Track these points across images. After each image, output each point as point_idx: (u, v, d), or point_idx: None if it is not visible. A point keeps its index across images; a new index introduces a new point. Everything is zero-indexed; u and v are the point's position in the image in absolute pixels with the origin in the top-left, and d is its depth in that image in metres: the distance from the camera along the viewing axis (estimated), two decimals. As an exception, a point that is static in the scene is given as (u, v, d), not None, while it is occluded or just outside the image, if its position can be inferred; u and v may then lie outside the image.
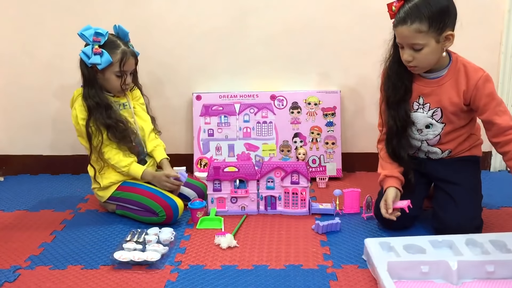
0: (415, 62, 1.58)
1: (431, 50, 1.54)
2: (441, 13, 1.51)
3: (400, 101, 1.66)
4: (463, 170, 1.69)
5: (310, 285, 1.41)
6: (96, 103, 1.78)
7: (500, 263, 1.39)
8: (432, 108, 1.66)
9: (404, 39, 1.56)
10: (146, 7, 2.22)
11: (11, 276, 1.47)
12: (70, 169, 2.41)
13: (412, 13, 1.51)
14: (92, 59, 1.74)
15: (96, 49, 1.74)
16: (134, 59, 1.84)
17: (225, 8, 2.22)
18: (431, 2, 1.50)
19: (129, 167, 1.83)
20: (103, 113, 1.78)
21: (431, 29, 1.51)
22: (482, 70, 1.60)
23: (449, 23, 1.53)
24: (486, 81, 1.58)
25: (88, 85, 1.79)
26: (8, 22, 2.26)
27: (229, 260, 1.55)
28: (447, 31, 1.53)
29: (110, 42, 1.78)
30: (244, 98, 2.28)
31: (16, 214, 1.95)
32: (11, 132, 2.40)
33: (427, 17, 1.50)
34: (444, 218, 1.63)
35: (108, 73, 1.79)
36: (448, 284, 1.37)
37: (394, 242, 1.50)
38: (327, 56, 2.26)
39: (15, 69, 2.31)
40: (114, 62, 1.77)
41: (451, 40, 1.55)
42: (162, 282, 1.43)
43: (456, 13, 1.56)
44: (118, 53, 1.78)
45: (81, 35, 1.75)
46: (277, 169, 1.87)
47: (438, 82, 1.63)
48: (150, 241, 1.62)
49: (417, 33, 1.52)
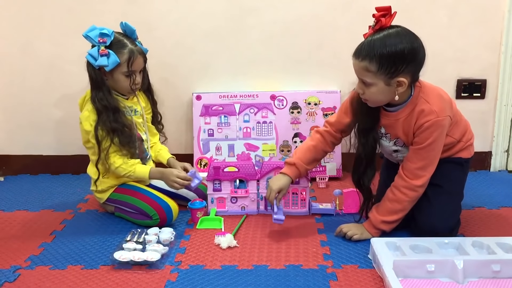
0: (365, 96, 1.53)
1: (379, 90, 1.48)
2: (394, 58, 1.42)
3: (369, 129, 1.62)
4: (445, 171, 1.63)
5: (310, 285, 1.41)
6: (104, 106, 1.73)
7: (506, 262, 1.39)
8: (392, 139, 1.63)
9: (355, 72, 1.52)
10: (147, 7, 2.22)
11: (11, 276, 1.47)
12: (70, 169, 2.41)
13: (366, 49, 1.45)
14: (99, 61, 1.69)
15: (102, 50, 1.69)
16: (142, 57, 1.79)
17: (225, 8, 2.22)
18: (387, 43, 1.42)
19: (135, 168, 1.78)
20: (110, 116, 1.74)
21: (380, 71, 1.44)
22: (436, 114, 1.49)
23: (404, 69, 1.44)
24: (433, 126, 1.50)
25: (96, 88, 1.74)
26: (8, 22, 2.26)
27: (229, 260, 1.55)
28: (399, 77, 1.45)
29: (117, 41, 1.72)
30: (244, 98, 2.28)
31: (16, 214, 1.95)
32: (11, 132, 2.40)
33: (378, 58, 1.43)
34: (419, 220, 1.62)
35: (117, 74, 1.75)
36: (454, 283, 1.37)
37: (400, 242, 1.50)
38: (327, 56, 2.26)
39: (15, 69, 2.31)
40: (121, 63, 1.72)
41: (404, 87, 1.46)
42: (162, 282, 1.43)
43: (419, 60, 1.47)
44: (125, 52, 1.73)
45: (86, 36, 1.70)
46: (277, 169, 1.87)
47: (394, 117, 1.57)
48: (150, 241, 1.62)
49: (365, 71, 1.46)
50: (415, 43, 1.46)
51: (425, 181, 1.56)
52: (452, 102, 1.59)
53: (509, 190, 2.11)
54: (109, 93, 1.75)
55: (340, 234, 1.68)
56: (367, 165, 1.64)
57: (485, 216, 1.85)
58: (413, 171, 1.56)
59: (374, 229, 1.63)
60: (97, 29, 1.70)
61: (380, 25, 1.46)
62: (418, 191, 1.57)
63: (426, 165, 1.55)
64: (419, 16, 2.19)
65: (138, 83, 1.80)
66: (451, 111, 1.55)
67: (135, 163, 1.79)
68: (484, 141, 2.34)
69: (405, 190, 1.57)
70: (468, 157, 1.69)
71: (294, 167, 1.71)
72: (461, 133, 1.64)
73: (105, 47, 1.69)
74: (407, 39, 1.45)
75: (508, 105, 2.28)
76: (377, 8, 1.48)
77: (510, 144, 2.35)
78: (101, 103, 1.73)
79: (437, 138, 1.52)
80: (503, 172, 2.36)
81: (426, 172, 1.55)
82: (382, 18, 1.46)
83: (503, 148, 2.35)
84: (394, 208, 1.59)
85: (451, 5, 2.19)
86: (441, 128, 1.52)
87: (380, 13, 1.47)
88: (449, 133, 1.60)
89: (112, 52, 1.70)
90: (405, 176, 1.57)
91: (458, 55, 2.24)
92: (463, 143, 1.66)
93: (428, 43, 2.21)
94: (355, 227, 1.67)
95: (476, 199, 1.98)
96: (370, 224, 1.64)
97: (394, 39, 1.44)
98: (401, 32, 1.46)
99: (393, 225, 1.62)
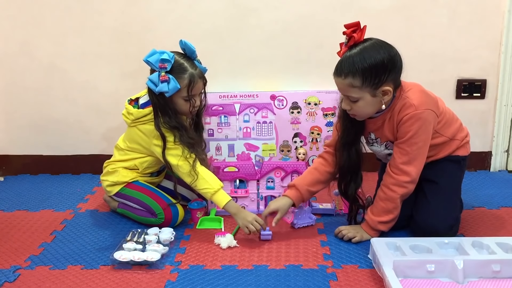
0: (353, 111, 1.55)
1: (366, 103, 1.51)
2: (376, 69, 1.45)
3: (352, 142, 1.64)
4: (442, 169, 1.64)
5: (310, 285, 1.41)
6: (174, 126, 1.71)
7: (506, 262, 1.39)
8: (383, 142, 1.65)
9: (340, 90, 1.55)
10: (146, 7, 2.22)
11: (11, 276, 1.47)
12: (70, 169, 2.41)
13: (346, 66, 1.47)
14: (160, 87, 1.65)
15: (163, 76, 1.64)
16: (202, 81, 1.75)
17: (225, 8, 2.22)
18: (366, 57, 1.45)
19: (217, 192, 1.70)
20: (184, 134, 1.72)
21: (364, 85, 1.47)
22: (414, 107, 1.51)
23: (386, 78, 1.47)
24: (411, 118, 1.51)
25: (161, 112, 1.70)
26: (8, 22, 2.26)
27: (229, 260, 1.55)
28: (384, 86, 1.48)
29: (177, 66, 1.68)
30: (244, 98, 2.28)
31: (16, 214, 1.95)
32: (11, 132, 2.40)
33: (360, 72, 1.45)
34: (417, 219, 1.63)
35: (176, 98, 1.71)
36: (454, 283, 1.37)
37: (400, 242, 1.50)
38: (327, 56, 2.24)
39: (15, 69, 2.31)
40: (181, 88, 1.68)
41: (389, 95, 1.50)
42: (162, 282, 1.43)
43: (399, 67, 1.49)
44: (185, 78, 1.68)
45: (147, 62, 1.66)
46: (277, 169, 1.87)
47: (380, 120, 1.60)
48: (150, 241, 1.62)
49: (350, 87, 1.49)
50: (391, 51, 1.49)
51: (414, 176, 1.56)
52: (437, 99, 1.60)
53: (509, 190, 2.11)
54: (175, 114, 1.72)
55: (339, 236, 1.68)
56: (352, 178, 1.66)
57: (485, 216, 1.85)
58: (398, 167, 1.56)
59: (372, 231, 1.63)
60: (158, 54, 1.65)
61: (353, 41, 1.49)
62: (407, 187, 1.57)
63: (411, 160, 1.55)
64: (419, 16, 2.20)
65: (197, 106, 1.77)
66: (434, 106, 1.56)
67: (219, 188, 1.71)
68: (484, 141, 2.34)
69: (394, 187, 1.57)
70: (465, 155, 1.69)
71: (294, 189, 1.70)
72: (454, 131, 1.65)
73: (165, 72, 1.65)
74: (383, 49, 1.48)
75: (508, 105, 2.28)
76: (346, 25, 1.51)
77: (510, 144, 2.35)
78: (170, 125, 1.71)
79: (418, 131, 1.52)
80: (503, 172, 2.36)
81: (412, 167, 1.55)
82: (354, 34, 1.49)
83: (503, 148, 2.35)
84: (387, 207, 1.59)
85: (451, 5, 2.18)
86: (421, 121, 1.52)
87: (351, 29, 1.50)
88: (440, 131, 1.61)
89: (172, 78, 1.65)
90: (392, 173, 1.58)
91: (458, 55, 2.24)
92: (458, 141, 1.66)
93: (428, 43, 2.24)
94: (354, 229, 1.67)
95: (476, 199, 1.98)
96: (367, 226, 1.64)
97: (371, 52, 1.47)
98: (376, 44, 1.49)
99: (390, 224, 1.62)
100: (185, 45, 1.72)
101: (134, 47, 2.24)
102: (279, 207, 1.68)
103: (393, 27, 2.21)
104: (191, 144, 1.74)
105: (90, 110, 2.35)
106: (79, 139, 2.39)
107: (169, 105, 1.71)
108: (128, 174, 1.85)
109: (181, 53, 1.73)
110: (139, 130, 1.77)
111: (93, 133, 2.37)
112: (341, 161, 1.67)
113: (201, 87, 1.77)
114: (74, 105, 2.35)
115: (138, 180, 1.86)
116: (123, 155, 1.86)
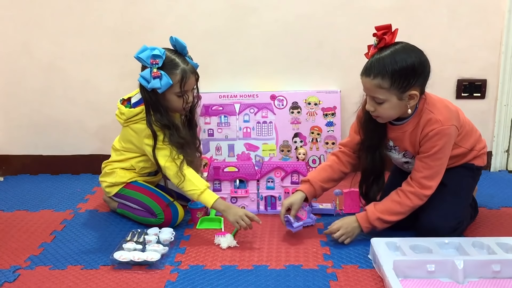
0: (377, 113, 1.54)
1: (392, 105, 1.50)
2: (406, 72, 1.45)
3: (376, 146, 1.64)
4: (453, 173, 1.64)
5: (310, 285, 1.41)
6: (165, 125, 1.70)
7: (506, 262, 1.39)
8: (401, 151, 1.65)
9: (366, 90, 1.54)
10: (146, 7, 2.22)
11: (11, 276, 1.47)
12: (70, 169, 2.41)
13: (376, 67, 1.47)
14: (152, 83, 1.63)
15: (155, 72, 1.63)
16: (194, 76, 1.73)
17: (225, 8, 2.22)
18: (397, 59, 1.45)
19: (204, 192, 1.68)
20: (174, 134, 1.71)
21: (393, 87, 1.47)
22: (441, 123, 1.51)
23: (415, 82, 1.47)
24: (438, 134, 1.51)
25: (153, 109, 1.69)
26: (8, 22, 2.26)
27: (229, 260, 1.55)
28: (411, 90, 1.48)
29: (169, 62, 1.66)
30: (244, 98, 2.28)
31: (16, 214, 1.95)
32: (11, 132, 2.40)
33: (390, 74, 1.45)
34: (420, 218, 1.63)
35: (169, 94, 1.69)
36: (454, 283, 1.37)
37: (400, 242, 1.50)
38: (327, 56, 2.26)
39: (15, 69, 2.31)
40: (174, 83, 1.66)
41: (416, 99, 1.50)
42: (162, 282, 1.43)
43: (427, 73, 1.50)
44: (177, 73, 1.67)
45: (138, 58, 1.64)
46: (277, 169, 1.87)
47: (401, 129, 1.59)
48: (150, 241, 1.62)
49: (378, 88, 1.48)
50: (422, 56, 1.49)
51: (433, 190, 1.57)
52: (459, 112, 1.60)
53: (509, 190, 2.11)
54: (166, 112, 1.71)
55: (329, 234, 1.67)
56: (374, 181, 1.67)
57: (485, 216, 1.84)
58: (420, 181, 1.56)
59: (367, 224, 1.62)
60: (148, 50, 1.64)
61: (384, 43, 1.49)
62: (423, 200, 1.57)
63: (433, 175, 1.55)
64: (419, 16, 2.20)
65: (190, 102, 1.77)
66: (457, 121, 1.56)
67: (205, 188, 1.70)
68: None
69: (411, 196, 1.57)
70: (481, 165, 1.69)
71: (308, 184, 1.71)
72: (473, 143, 1.66)
73: (157, 68, 1.64)
74: (414, 53, 1.48)
75: (508, 105, 2.28)
76: (377, 27, 1.51)
77: (510, 144, 2.35)
78: (161, 123, 1.70)
79: (442, 147, 1.53)
80: (503, 172, 2.36)
81: (434, 182, 1.56)
82: (385, 36, 1.49)
83: (503, 148, 2.35)
84: (395, 209, 1.59)
85: (451, 5, 2.18)
86: (447, 137, 1.52)
87: (381, 32, 1.50)
88: (460, 143, 1.61)
89: (164, 74, 1.64)
90: (413, 184, 1.58)
91: (458, 55, 2.24)
92: (476, 151, 1.67)
93: (428, 43, 2.21)
94: (346, 223, 1.65)
95: (476, 199, 1.98)
96: (365, 217, 1.62)
97: (402, 55, 1.47)
98: (407, 47, 1.50)
99: (386, 225, 1.62)
100: (176, 41, 1.70)
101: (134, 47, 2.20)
102: (293, 201, 1.68)
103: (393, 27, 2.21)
104: (180, 144, 1.73)
105: (90, 110, 2.35)
106: (79, 139, 2.39)
107: (161, 102, 1.70)
108: (126, 175, 1.85)
109: (172, 49, 1.72)
110: (132, 130, 1.77)
111: (93, 133, 2.38)
112: (364, 164, 1.67)
113: (194, 82, 1.75)
114: (74, 105, 2.35)
115: (137, 180, 1.86)
116: (119, 156, 1.86)
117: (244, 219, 1.65)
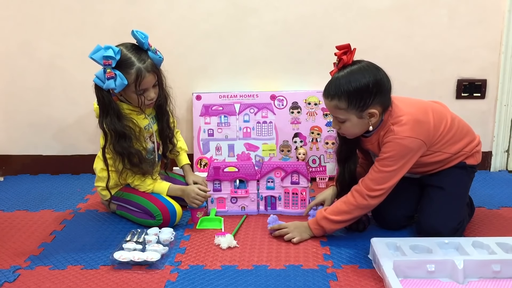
0: (341, 131, 1.59)
1: (353, 124, 1.53)
2: (361, 92, 1.47)
3: (344, 160, 1.70)
4: (448, 174, 1.65)
5: (310, 285, 1.41)
6: (111, 130, 1.69)
7: (506, 262, 1.39)
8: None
9: (328, 110, 1.58)
10: (146, 7, 2.22)
11: (11, 276, 1.47)
12: (70, 169, 2.41)
13: (333, 88, 1.50)
14: (106, 84, 1.61)
15: (109, 73, 1.60)
16: (152, 73, 1.69)
17: (225, 8, 2.22)
18: (352, 80, 1.47)
19: (154, 186, 1.80)
20: (116, 142, 1.70)
21: (350, 107, 1.49)
22: (394, 133, 1.52)
23: (372, 101, 1.48)
24: (390, 142, 1.52)
25: (103, 112, 1.68)
26: (8, 22, 2.26)
27: (229, 260, 1.55)
28: (370, 109, 1.49)
29: (124, 61, 1.63)
30: (244, 98, 2.28)
31: (16, 214, 1.95)
32: (11, 132, 2.40)
33: (346, 95, 1.48)
34: (421, 221, 1.64)
35: (128, 93, 1.69)
36: (454, 283, 1.37)
37: (400, 242, 1.50)
38: (327, 56, 2.24)
39: (15, 69, 2.31)
40: (129, 83, 1.64)
41: (376, 116, 1.51)
42: (162, 282, 1.43)
43: (386, 90, 1.51)
44: (132, 73, 1.64)
45: (92, 59, 1.62)
46: (277, 169, 1.87)
47: (369, 142, 1.62)
48: (150, 241, 1.62)
49: (336, 109, 1.52)
50: (377, 75, 1.50)
51: (377, 195, 1.56)
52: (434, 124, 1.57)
53: (509, 190, 2.11)
54: (117, 117, 1.69)
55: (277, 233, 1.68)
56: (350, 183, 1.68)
57: (485, 216, 1.85)
58: (367, 182, 1.57)
59: (314, 224, 1.64)
60: (102, 50, 1.61)
61: (342, 63, 1.51)
62: (368, 201, 1.57)
63: (380, 180, 1.55)
64: (419, 16, 2.20)
65: (152, 98, 1.74)
66: (425, 134, 1.54)
67: (153, 182, 1.78)
68: (484, 141, 2.31)
69: (355, 194, 1.58)
70: (474, 164, 1.69)
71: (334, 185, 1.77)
72: (460, 147, 1.64)
73: (111, 68, 1.61)
74: (369, 73, 1.49)
75: (508, 105, 2.28)
76: (337, 46, 1.54)
77: (510, 144, 2.35)
78: (108, 127, 1.69)
79: (394, 155, 1.52)
80: (503, 172, 2.36)
81: (380, 187, 1.55)
82: (343, 56, 1.51)
83: (503, 148, 2.35)
84: (341, 208, 1.60)
85: (451, 5, 2.19)
86: (400, 147, 1.52)
87: (341, 51, 1.53)
88: (442, 149, 1.61)
89: (119, 74, 1.62)
90: (360, 184, 1.59)
91: (458, 55, 2.24)
92: (466, 152, 1.66)
93: (428, 43, 2.24)
94: (298, 223, 1.68)
95: (476, 199, 1.97)
96: (313, 220, 1.65)
97: (357, 75, 1.49)
98: (364, 67, 1.51)
99: (334, 225, 1.62)
100: (135, 36, 1.66)
101: (134, 47, 2.24)
102: (326, 197, 1.77)
103: (393, 27, 2.21)
104: (120, 153, 1.72)
105: (90, 110, 2.33)
106: (79, 139, 2.39)
107: (114, 106, 1.68)
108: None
109: (133, 44, 1.69)
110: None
111: (93, 133, 2.36)
112: (336, 176, 1.75)
113: (152, 80, 1.71)
114: (74, 105, 2.35)
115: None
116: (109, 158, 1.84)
117: (197, 198, 1.76)
